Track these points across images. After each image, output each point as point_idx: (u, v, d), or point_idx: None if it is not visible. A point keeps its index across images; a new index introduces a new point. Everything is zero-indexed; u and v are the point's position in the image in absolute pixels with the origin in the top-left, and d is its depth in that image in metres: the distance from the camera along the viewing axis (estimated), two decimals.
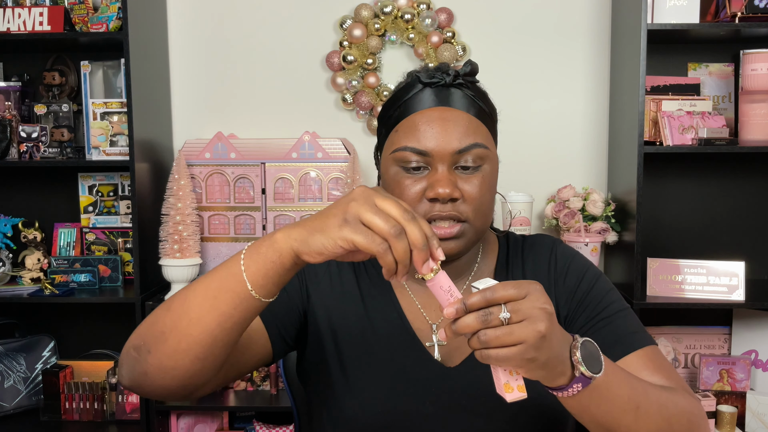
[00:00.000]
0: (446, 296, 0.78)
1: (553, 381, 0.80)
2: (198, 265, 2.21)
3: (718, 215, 2.41)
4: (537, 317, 0.75)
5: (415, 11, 2.35)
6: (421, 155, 1.00)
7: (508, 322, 0.74)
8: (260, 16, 2.45)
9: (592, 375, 0.80)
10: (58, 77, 2.34)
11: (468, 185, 1.00)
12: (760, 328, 2.31)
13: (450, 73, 1.03)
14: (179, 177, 2.18)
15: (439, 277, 0.78)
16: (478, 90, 1.07)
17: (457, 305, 0.76)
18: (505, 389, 0.78)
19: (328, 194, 2.29)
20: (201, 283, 0.86)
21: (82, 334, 2.51)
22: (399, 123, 1.04)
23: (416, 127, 1.01)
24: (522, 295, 0.76)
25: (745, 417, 2.21)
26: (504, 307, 0.75)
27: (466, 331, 0.75)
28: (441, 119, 1.01)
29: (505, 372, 0.78)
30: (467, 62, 1.06)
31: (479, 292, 0.75)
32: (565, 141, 2.44)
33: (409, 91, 1.05)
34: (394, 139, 1.03)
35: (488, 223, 1.05)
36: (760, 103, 2.11)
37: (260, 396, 2.26)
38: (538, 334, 0.74)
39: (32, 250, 2.37)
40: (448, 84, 1.03)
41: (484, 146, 1.01)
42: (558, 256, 1.12)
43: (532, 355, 0.75)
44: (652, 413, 0.88)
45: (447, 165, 1.00)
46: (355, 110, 2.44)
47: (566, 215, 2.29)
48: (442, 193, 0.97)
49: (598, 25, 2.41)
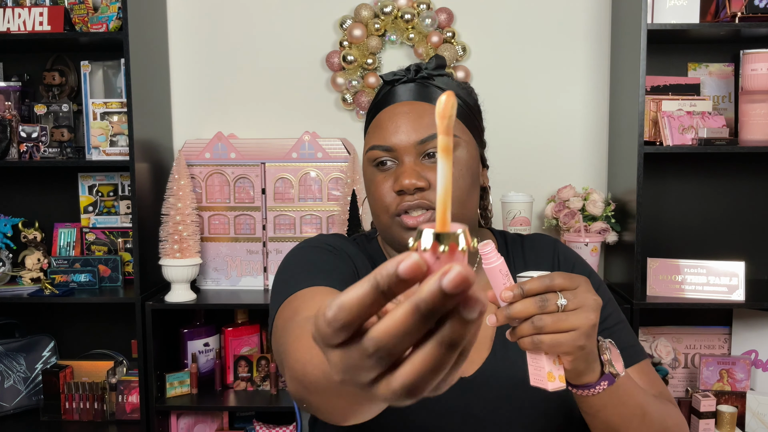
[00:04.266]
0: (503, 280, 0.78)
1: (583, 377, 0.82)
2: (198, 265, 2.21)
3: (718, 215, 2.41)
4: (590, 306, 0.78)
5: (415, 11, 2.35)
6: (387, 151, 1.02)
7: (563, 309, 0.77)
8: (260, 16, 2.45)
9: (617, 373, 0.83)
10: (58, 77, 2.34)
11: (435, 173, 1.00)
12: (760, 328, 2.31)
13: (411, 69, 1.05)
14: (179, 177, 2.18)
15: (501, 262, 0.78)
16: (450, 82, 1.07)
17: (516, 290, 0.77)
18: (548, 378, 0.79)
19: (328, 194, 2.29)
20: (336, 394, 0.63)
21: (82, 334, 2.51)
22: (369, 125, 1.07)
23: (381, 125, 1.03)
24: (575, 285, 0.78)
25: (745, 417, 2.21)
26: (560, 294, 0.77)
27: (522, 315, 0.77)
28: (402, 113, 1.02)
29: (549, 360, 0.80)
30: (433, 57, 1.07)
31: (537, 278, 0.77)
32: (565, 141, 2.44)
33: (379, 94, 1.07)
34: (366, 140, 1.06)
35: (469, 210, 1.04)
36: (760, 103, 2.11)
37: (260, 396, 2.26)
38: (591, 322, 0.77)
39: (32, 250, 2.37)
40: (411, 79, 1.05)
41: None
42: (561, 259, 1.13)
43: (582, 343, 0.77)
44: (655, 422, 0.92)
45: (413, 156, 1.01)
46: (355, 110, 2.44)
47: (566, 215, 2.29)
48: (407, 184, 0.98)
49: (598, 25, 2.41)
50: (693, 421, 2.15)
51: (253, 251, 2.33)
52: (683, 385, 2.35)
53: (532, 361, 0.81)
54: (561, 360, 0.80)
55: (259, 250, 2.33)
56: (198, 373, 2.28)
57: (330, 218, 2.30)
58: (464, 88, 1.09)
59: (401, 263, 0.38)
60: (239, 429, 2.33)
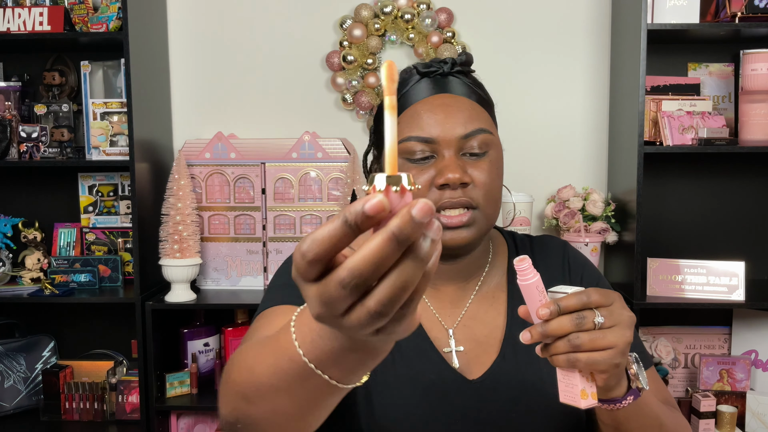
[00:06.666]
0: (539, 297, 0.77)
1: (611, 392, 0.81)
2: (198, 265, 2.21)
3: (718, 215, 2.41)
4: (626, 323, 0.77)
5: (415, 11, 2.35)
6: (426, 143, 0.97)
7: (600, 327, 0.75)
8: (260, 16, 2.45)
9: (644, 388, 0.83)
10: (58, 77, 2.33)
11: (477, 171, 0.97)
12: (760, 328, 2.31)
13: (447, 62, 1.03)
14: (179, 177, 2.18)
15: (537, 279, 0.77)
16: (476, 80, 1.06)
17: (552, 306, 0.75)
18: (581, 395, 0.78)
19: (328, 194, 2.29)
20: (285, 392, 0.65)
21: (82, 334, 2.51)
22: (399, 115, 1.01)
23: (419, 116, 0.98)
24: (610, 302, 0.77)
25: (745, 417, 2.21)
26: (597, 311, 0.76)
27: (558, 333, 0.75)
28: (443, 105, 0.99)
29: (582, 378, 0.78)
30: (462, 53, 1.05)
31: (573, 295, 0.76)
32: (565, 141, 2.44)
33: (407, 84, 1.03)
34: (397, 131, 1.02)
35: (497, 212, 1.02)
36: (760, 103, 2.11)
37: None
38: (627, 340, 0.76)
39: (32, 250, 2.37)
40: (446, 73, 1.02)
41: (489, 131, 1.00)
42: (571, 261, 1.12)
43: (619, 360, 0.76)
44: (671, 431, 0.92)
45: (454, 150, 0.97)
46: (355, 110, 2.44)
47: (566, 215, 2.29)
48: (452, 178, 0.94)
49: (598, 25, 2.41)
50: (693, 421, 2.15)
51: (253, 251, 2.33)
52: (683, 385, 2.35)
53: (564, 377, 0.79)
54: (594, 377, 0.78)
55: (259, 250, 2.33)
56: (198, 373, 2.28)
57: (330, 218, 2.30)
58: (482, 84, 1.08)
59: (368, 202, 0.44)
60: None
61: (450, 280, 1.06)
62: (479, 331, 1.04)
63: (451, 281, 1.06)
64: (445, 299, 1.06)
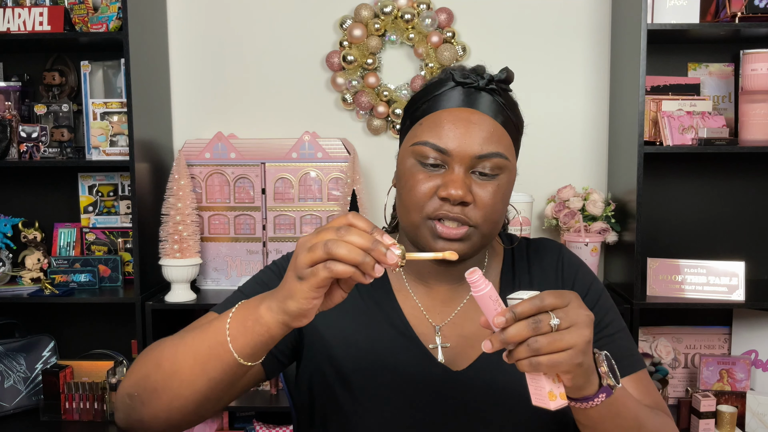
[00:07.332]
0: (494, 306, 0.78)
1: (581, 391, 0.82)
2: (198, 265, 2.22)
3: (718, 215, 2.41)
4: (583, 323, 0.78)
5: (415, 11, 2.35)
6: (440, 152, 0.97)
7: (557, 329, 0.76)
8: (260, 16, 2.45)
9: (615, 385, 0.83)
10: (58, 77, 2.34)
11: (482, 191, 0.98)
12: (760, 328, 2.31)
13: (484, 77, 1.01)
14: (179, 177, 2.18)
15: (490, 288, 0.78)
16: (509, 99, 1.05)
17: (507, 314, 0.76)
18: (549, 397, 0.79)
19: (328, 194, 2.29)
20: (189, 346, 0.87)
21: (82, 334, 2.51)
22: (424, 117, 1.02)
23: (440, 124, 0.99)
24: (566, 303, 0.78)
25: (745, 417, 2.21)
26: (552, 314, 0.77)
27: (516, 340, 0.76)
28: (466, 121, 0.98)
29: (548, 380, 0.79)
30: (503, 69, 1.03)
31: (527, 301, 0.77)
32: (565, 141, 2.44)
33: (440, 87, 1.02)
34: (417, 131, 1.01)
35: (496, 232, 1.03)
36: (760, 103, 2.11)
37: (260, 396, 2.26)
38: (586, 339, 0.77)
39: (32, 250, 2.37)
40: (480, 87, 1.01)
41: (505, 156, 0.99)
42: (565, 264, 1.12)
43: (580, 360, 0.77)
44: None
45: (464, 168, 0.97)
46: (355, 110, 2.44)
47: (566, 215, 2.29)
48: (455, 194, 0.95)
49: (598, 25, 2.41)
50: (693, 421, 2.15)
51: (253, 251, 2.33)
52: (683, 385, 2.35)
53: (532, 381, 0.80)
54: (560, 378, 0.80)
55: (259, 250, 2.33)
56: None
57: (330, 218, 2.30)
58: (515, 104, 1.07)
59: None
60: (239, 429, 2.33)
61: (443, 279, 1.08)
62: (468, 329, 1.06)
63: (445, 281, 1.08)
64: (437, 297, 1.08)
